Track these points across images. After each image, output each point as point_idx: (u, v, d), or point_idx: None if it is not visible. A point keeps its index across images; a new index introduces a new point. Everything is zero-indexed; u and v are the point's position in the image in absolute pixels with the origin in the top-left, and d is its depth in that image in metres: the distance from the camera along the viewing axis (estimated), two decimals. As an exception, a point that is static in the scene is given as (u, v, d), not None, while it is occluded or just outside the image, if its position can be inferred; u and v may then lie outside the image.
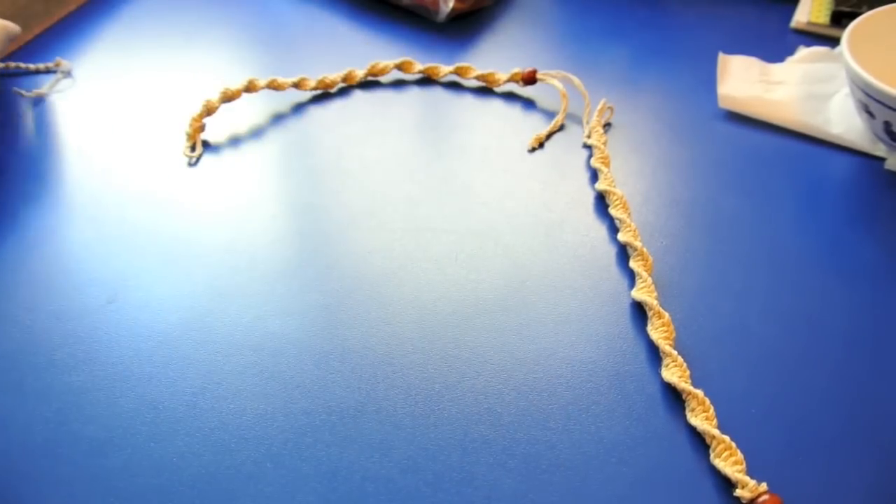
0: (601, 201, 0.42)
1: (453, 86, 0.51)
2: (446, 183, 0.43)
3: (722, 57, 0.49)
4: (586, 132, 0.46)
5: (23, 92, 0.50)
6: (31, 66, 0.52)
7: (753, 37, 0.53)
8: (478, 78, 0.50)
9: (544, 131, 0.46)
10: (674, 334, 0.34)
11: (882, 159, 0.43)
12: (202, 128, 0.47)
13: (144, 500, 0.30)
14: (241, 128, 0.48)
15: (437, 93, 0.50)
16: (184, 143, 0.47)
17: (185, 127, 0.47)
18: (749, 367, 0.33)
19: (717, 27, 0.54)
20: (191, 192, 0.43)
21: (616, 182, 0.42)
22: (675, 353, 0.33)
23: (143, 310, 0.37)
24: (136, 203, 0.43)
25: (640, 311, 0.36)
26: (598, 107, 0.46)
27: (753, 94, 0.47)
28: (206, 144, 0.47)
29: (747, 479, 0.29)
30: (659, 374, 0.33)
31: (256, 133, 0.47)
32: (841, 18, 0.51)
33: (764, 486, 0.28)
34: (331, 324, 0.36)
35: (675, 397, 0.32)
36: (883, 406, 0.32)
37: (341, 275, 0.38)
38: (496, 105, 0.49)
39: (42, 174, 0.45)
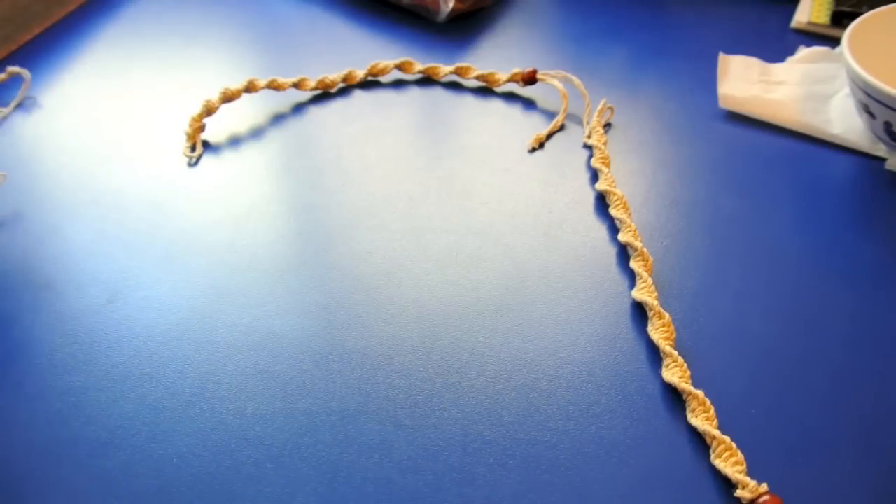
0: (601, 201, 0.42)
1: (453, 86, 0.51)
2: (446, 183, 0.43)
3: (722, 57, 0.49)
4: (586, 132, 0.46)
5: None
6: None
7: (753, 37, 0.53)
8: (478, 78, 0.50)
9: (544, 131, 0.46)
10: (674, 335, 0.34)
11: (882, 159, 0.43)
12: (202, 128, 0.47)
13: (144, 501, 0.30)
14: (241, 128, 0.48)
15: (437, 93, 0.50)
16: (184, 143, 0.47)
17: (185, 127, 0.47)
18: (749, 368, 0.33)
19: (717, 27, 0.54)
20: (191, 191, 0.43)
21: (616, 182, 0.42)
22: (675, 353, 0.33)
23: (143, 310, 0.37)
24: (136, 203, 0.43)
25: (640, 312, 0.36)
26: (599, 107, 0.46)
27: (753, 94, 0.47)
28: (206, 144, 0.47)
29: (748, 479, 0.28)
30: (659, 375, 0.33)
31: (256, 133, 0.47)
32: (841, 18, 0.51)
33: (764, 487, 0.28)
34: (331, 324, 0.36)
35: (675, 398, 0.32)
36: (883, 406, 0.32)
37: (341, 275, 0.38)
38: (496, 105, 0.49)
39: (42, 174, 0.45)
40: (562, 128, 0.47)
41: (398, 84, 0.51)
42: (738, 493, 0.29)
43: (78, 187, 0.44)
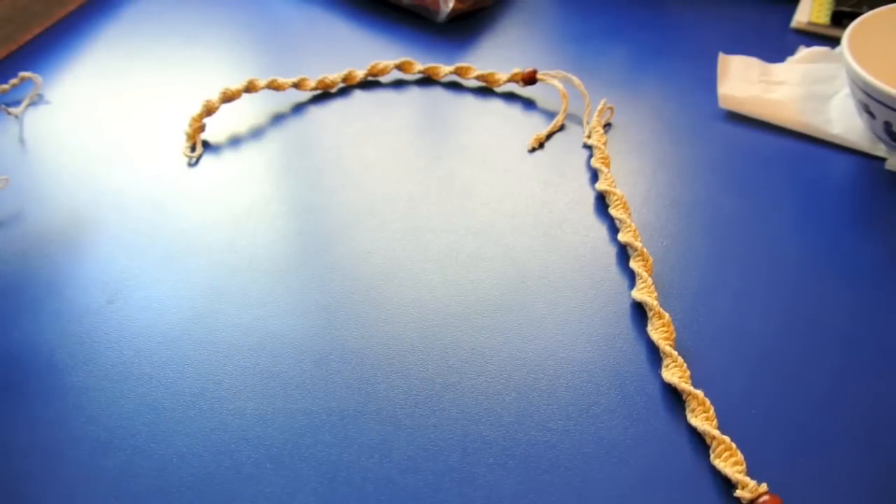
0: (601, 201, 0.42)
1: (453, 86, 0.51)
2: (446, 183, 0.43)
3: (722, 57, 0.49)
4: (586, 132, 0.46)
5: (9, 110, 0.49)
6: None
7: (753, 37, 0.53)
8: (478, 78, 0.50)
9: (544, 131, 0.46)
10: (674, 335, 0.34)
11: (882, 159, 0.43)
12: (202, 128, 0.47)
13: (144, 501, 0.30)
14: (241, 128, 0.48)
15: (437, 93, 0.50)
16: (184, 143, 0.47)
17: (185, 127, 0.47)
18: (749, 368, 0.33)
19: (717, 27, 0.54)
20: (191, 191, 0.43)
21: (616, 182, 0.42)
22: (675, 353, 0.33)
23: (143, 310, 0.37)
24: (136, 203, 0.43)
25: (640, 312, 0.36)
26: (599, 107, 0.46)
27: (753, 94, 0.47)
28: (206, 144, 0.47)
29: (747, 479, 0.28)
30: (659, 375, 0.33)
31: (256, 133, 0.47)
32: (841, 18, 0.51)
33: (764, 487, 0.28)
34: (331, 324, 0.36)
35: (675, 398, 0.32)
36: (883, 406, 0.32)
37: (341, 275, 0.38)
38: (496, 105, 0.49)
39: (42, 174, 0.45)
40: (562, 128, 0.47)
41: (398, 84, 0.51)
42: (738, 493, 0.29)
43: (78, 187, 0.44)
